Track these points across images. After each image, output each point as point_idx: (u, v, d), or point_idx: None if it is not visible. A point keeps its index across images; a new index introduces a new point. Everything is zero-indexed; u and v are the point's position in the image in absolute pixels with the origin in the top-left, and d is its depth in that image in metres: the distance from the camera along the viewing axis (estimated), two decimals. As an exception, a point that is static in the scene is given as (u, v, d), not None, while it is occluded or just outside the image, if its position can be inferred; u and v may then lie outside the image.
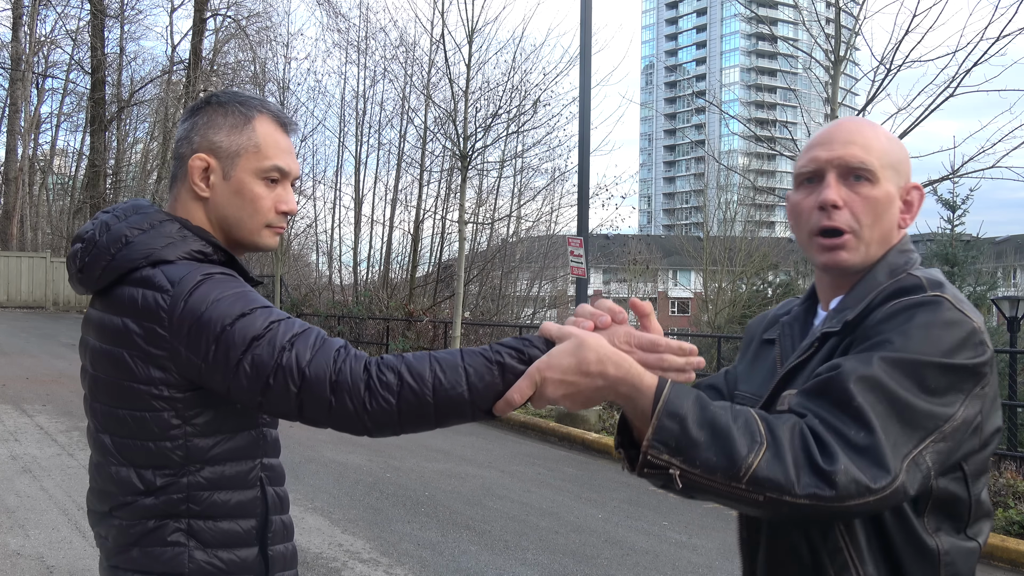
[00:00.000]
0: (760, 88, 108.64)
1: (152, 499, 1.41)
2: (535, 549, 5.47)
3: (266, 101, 1.57)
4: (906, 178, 1.39)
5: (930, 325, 1.20)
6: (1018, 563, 5.59)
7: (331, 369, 1.28)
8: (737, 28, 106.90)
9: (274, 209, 1.53)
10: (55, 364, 14.14)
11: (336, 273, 24.28)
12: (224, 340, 1.32)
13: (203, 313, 1.34)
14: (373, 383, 1.27)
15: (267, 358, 1.30)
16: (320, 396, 1.28)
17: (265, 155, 1.51)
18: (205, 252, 1.46)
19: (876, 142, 1.36)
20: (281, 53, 26.19)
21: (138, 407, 1.40)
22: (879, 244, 1.36)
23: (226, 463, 1.43)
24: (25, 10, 31.40)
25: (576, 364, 1.22)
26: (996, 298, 11.97)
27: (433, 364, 1.28)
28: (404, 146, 21.70)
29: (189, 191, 1.52)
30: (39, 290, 29.22)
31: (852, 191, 1.34)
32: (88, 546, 5.10)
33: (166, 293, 1.37)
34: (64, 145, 41.53)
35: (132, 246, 1.42)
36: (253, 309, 1.35)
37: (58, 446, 7.81)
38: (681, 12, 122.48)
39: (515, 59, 16.36)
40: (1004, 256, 44.31)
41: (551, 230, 23.21)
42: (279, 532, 1.52)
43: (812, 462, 1.11)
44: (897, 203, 1.37)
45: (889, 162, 1.36)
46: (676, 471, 1.16)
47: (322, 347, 1.32)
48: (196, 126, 1.52)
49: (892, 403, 1.15)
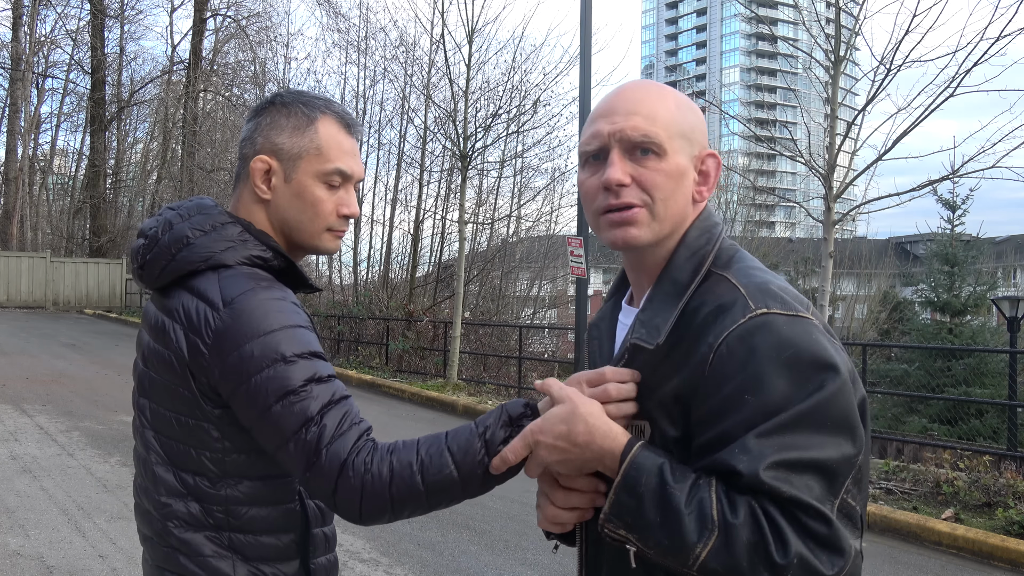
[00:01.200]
0: (760, 88, 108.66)
1: (194, 506, 1.41)
2: (535, 549, 5.47)
3: (332, 101, 1.54)
4: (700, 146, 1.26)
5: (778, 363, 1.09)
6: (1018, 563, 5.58)
7: (344, 464, 1.28)
8: (737, 28, 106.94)
9: (335, 213, 1.50)
10: (55, 364, 14.13)
11: (336, 273, 24.29)
12: (259, 381, 1.31)
13: (246, 344, 1.32)
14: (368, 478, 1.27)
15: (293, 421, 1.30)
16: (327, 482, 1.29)
17: (327, 158, 1.48)
18: (264, 257, 1.44)
19: (662, 110, 1.23)
20: (281, 53, 26.27)
21: (183, 413, 1.40)
22: (673, 220, 1.24)
23: (264, 479, 1.42)
24: (25, 10, 31.41)
25: (567, 432, 1.18)
26: (996, 298, 11.97)
27: (420, 451, 1.29)
28: (404, 146, 21.73)
29: (251, 193, 1.50)
30: (39, 290, 29.23)
31: (639, 165, 1.22)
32: (88, 546, 5.10)
33: (216, 311, 1.35)
34: (64, 145, 41.60)
35: (192, 248, 1.41)
36: (298, 356, 1.33)
37: (58, 446, 7.80)
38: (681, 12, 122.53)
39: (515, 59, 16.36)
40: (1004, 256, 44.29)
41: (551, 230, 23.23)
42: (321, 544, 1.50)
43: (767, 555, 1.05)
44: (691, 175, 1.25)
45: (679, 131, 1.23)
46: (632, 548, 1.14)
47: (347, 432, 1.31)
48: (260, 127, 1.50)
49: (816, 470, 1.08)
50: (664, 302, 1.23)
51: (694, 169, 1.26)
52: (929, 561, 5.69)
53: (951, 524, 6.10)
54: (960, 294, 16.13)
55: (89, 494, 6.23)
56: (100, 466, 7.11)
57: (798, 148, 9.07)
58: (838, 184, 8.47)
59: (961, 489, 6.73)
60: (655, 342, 1.19)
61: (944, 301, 16.19)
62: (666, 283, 1.24)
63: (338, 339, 18.16)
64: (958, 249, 16.49)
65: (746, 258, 1.26)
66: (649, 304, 1.24)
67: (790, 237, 49.57)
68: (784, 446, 1.07)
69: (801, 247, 37.17)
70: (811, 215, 10.60)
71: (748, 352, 1.11)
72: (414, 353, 15.98)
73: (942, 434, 12.65)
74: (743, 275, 1.20)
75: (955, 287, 16.21)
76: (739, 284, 1.18)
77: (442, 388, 12.78)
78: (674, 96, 1.27)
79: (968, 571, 5.54)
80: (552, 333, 23.15)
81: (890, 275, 31.35)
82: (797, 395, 1.09)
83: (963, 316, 16.25)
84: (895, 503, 6.74)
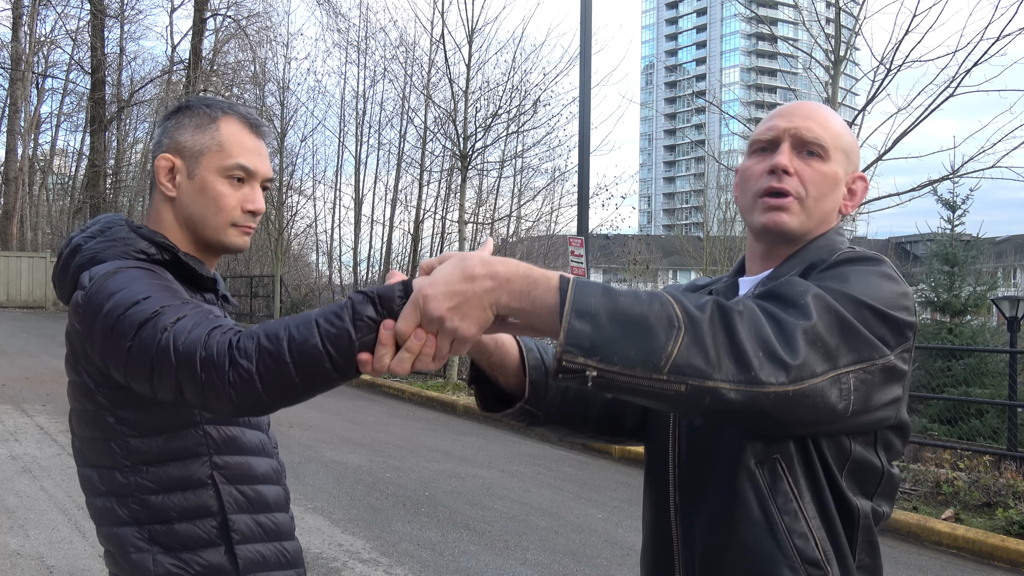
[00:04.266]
0: (760, 88, 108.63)
1: (113, 501, 1.44)
2: (535, 549, 5.47)
3: (236, 104, 1.59)
4: (855, 167, 1.43)
5: (870, 274, 1.23)
6: (1018, 563, 5.58)
7: (200, 345, 1.20)
8: (737, 28, 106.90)
9: (240, 208, 1.54)
10: (55, 364, 14.13)
11: (336, 273, 24.31)
12: (116, 329, 1.31)
13: (104, 305, 1.35)
14: (234, 352, 1.18)
15: (149, 340, 1.25)
16: (192, 374, 1.20)
17: (228, 153, 1.53)
18: (148, 252, 1.48)
19: (833, 124, 1.40)
20: (281, 53, 26.26)
21: (86, 406, 1.45)
22: (819, 220, 1.38)
23: (169, 463, 1.42)
24: (25, 10, 31.40)
25: (460, 271, 1.09)
26: (996, 298, 11.97)
27: (287, 323, 1.18)
28: (404, 146, 21.72)
29: (159, 192, 1.56)
30: (39, 290, 29.21)
31: (804, 163, 1.36)
32: (88, 546, 5.10)
33: (83, 289, 1.40)
34: (64, 145, 41.56)
35: (81, 253, 1.49)
36: (148, 296, 1.32)
37: (58, 446, 7.80)
38: (681, 12, 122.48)
39: (515, 59, 16.34)
40: (1004, 256, 44.28)
41: (551, 230, 23.21)
42: (250, 532, 1.48)
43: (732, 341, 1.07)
44: (842, 187, 1.40)
45: (841, 145, 1.39)
46: (592, 371, 1.07)
47: (199, 324, 1.24)
48: (166, 130, 1.56)
49: (838, 320, 1.15)
50: (789, 268, 1.35)
51: (845, 185, 1.41)
52: (929, 561, 5.70)
53: (951, 524, 6.10)
54: (960, 294, 16.12)
55: (89, 494, 6.23)
56: (100, 466, 7.12)
57: (798, 148, 9.06)
58: (838, 184, 8.46)
59: (961, 489, 6.73)
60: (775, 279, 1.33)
61: (944, 301, 16.18)
62: (796, 260, 1.36)
63: (338, 339, 18.14)
64: (958, 249, 16.47)
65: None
66: (776, 272, 1.37)
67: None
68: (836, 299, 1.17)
69: (801, 247, 37.14)
70: (811, 215, 10.58)
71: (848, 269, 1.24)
72: (414, 353, 15.97)
73: (942, 434, 12.64)
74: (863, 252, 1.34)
75: (955, 287, 16.19)
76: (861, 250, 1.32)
77: (442, 388, 12.79)
78: (841, 120, 1.45)
79: (968, 571, 5.54)
80: (552, 333, 23.12)
81: (890, 275, 31.36)
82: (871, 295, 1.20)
83: (963, 316, 16.24)
84: (895, 503, 6.74)
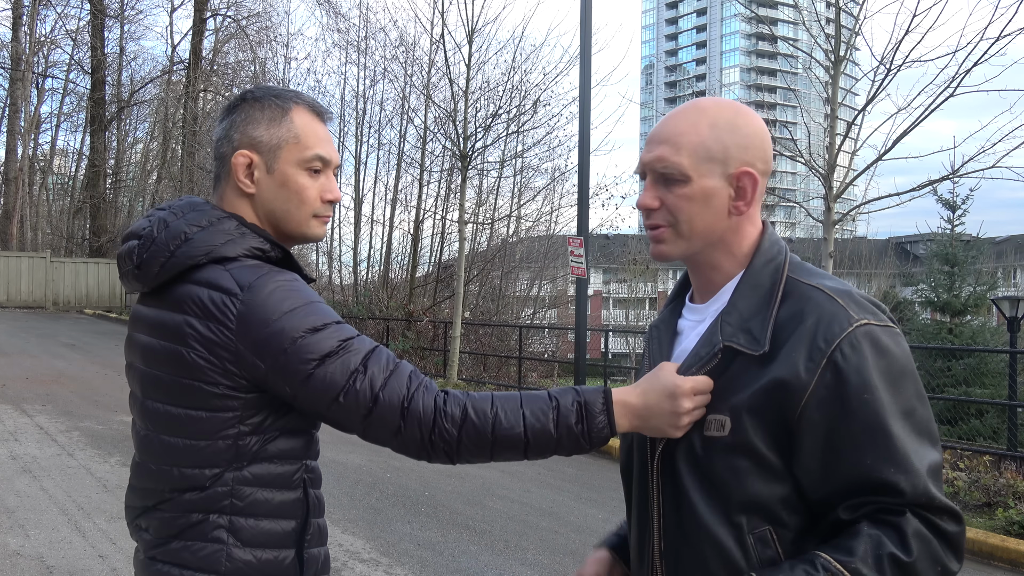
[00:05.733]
0: (760, 88, 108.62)
1: (198, 493, 1.41)
2: (535, 549, 5.47)
3: (300, 93, 1.57)
4: (737, 164, 1.33)
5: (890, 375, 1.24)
6: (1018, 563, 5.59)
7: (404, 396, 1.36)
8: (737, 28, 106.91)
9: (320, 198, 1.53)
10: (55, 364, 14.13)
11: (336, 273, 24.26)
12: (296, 351, 1.35)
13: (275, 321, 1.36)
14: (440, 416, 1.35)
15: (339, 377, 1.35)
16: (390, 420, 1.36)
17: (306, 145, 1.51)
18: (263, 249, 1.46)
19: (693, 136, 1.33)
20: (281, 53, 26.30)
21: (195, 405, 1.40)
22: (705, 236, 1.35)
23: (273, 462, 1.44)
24: (25, 10, 31.38)
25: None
26: (996, 298, 11.96)
27: (496, 403, 1.37)
28: (404, 146, 21.71)
29: (235, 189, 1.51)
30: (39, 290, 29.19)
31: (667, 190, 1.35)
32: (88, 546, 5.10)
33: (235, 297, 1.37)
34: (64, 145, 41.53)
35: (191, 243, 1.42)
36: (326, 324, 1.39)
37: (58, 446, 7.80)
38: (681, 12, 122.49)
39: (515, 59, 16.34)
40: (1004, 256, 44.27)
41: (551, 230, 23.23)
42: (316, 535, 1.51)
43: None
44: (722, 194, 1.34)
45: (706, 156, 1.32)
46: None
47: (395, 371, 1.39)
48: (234, 124, 1.51)
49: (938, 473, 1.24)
50: (750, 308, 1.32)
51: (730, 186, 1.34)
52: (929, 561, 5.69)
53: (951, 524, 6.09)
54: (960, 294, 16.11)
55: (89, 494, 6.23)
56: (100, 466, 7.11)
57: (798, 148, 9.07)
58: (838, 184, 8.47)
59: (961, 489, 6.73)
60: (760, 349, 1.27)
61: (944, 301, 16.17)
62: (746, 288, 1.34)
63: (338, 339, 18.14)
64: (958, 249, 16.47)
65: (822, 272, 1.37)
66: (733, 308, 1.33)
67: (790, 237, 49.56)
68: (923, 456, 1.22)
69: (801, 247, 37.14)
70: (811, 215, 10.60)
71: (860, 359, 1.22)
72: (414, 353, 15.98)
73: (942, 434, 12.63)
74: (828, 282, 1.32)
75: (955, 287, 16.19)
76: (830, 292, 1.29)
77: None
78: (712, 118, 1.34)
79: (968, 571, 5.54)
80: (552, 333, 23.15)
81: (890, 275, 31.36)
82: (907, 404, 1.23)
83: (963, 316, 16.23)
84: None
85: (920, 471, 1.19)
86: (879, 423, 1.20)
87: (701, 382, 1.31)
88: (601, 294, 47.35)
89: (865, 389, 1.21)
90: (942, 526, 1.19)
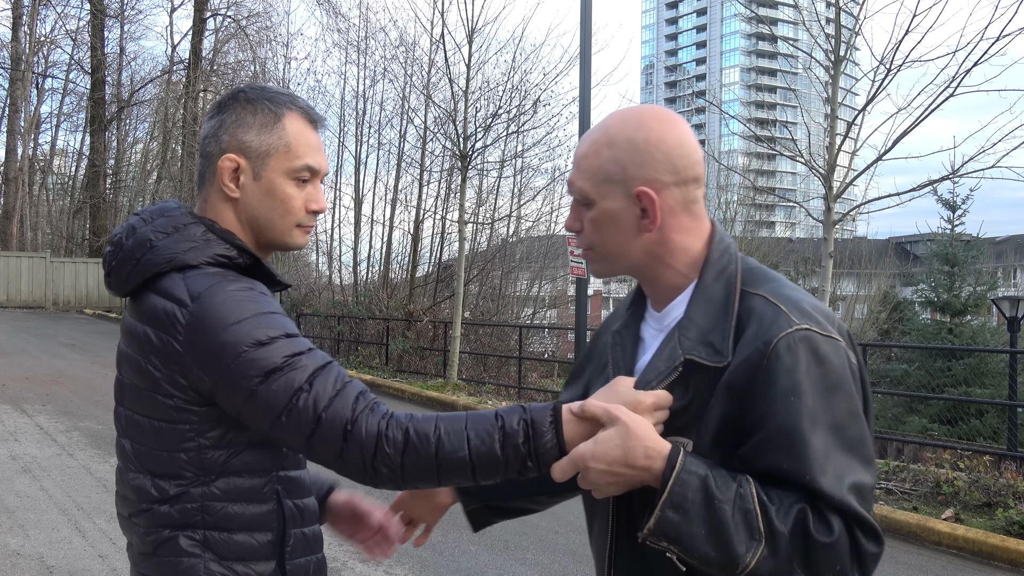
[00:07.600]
0: (760, 88, 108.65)
1: (167, 507, 1.39)
2: (535, 549, 5.47)
3: (295, 96, 1.53)
4: (635, 183, 1.29)
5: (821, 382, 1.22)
6: (1018, 563, 5.58)
7: (348, 419, 1.30)
8: (737, 28, 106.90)
9: (304, 208, 1.50)
10: (55, 364, 14.14)
11: (336, 273, 24.24)
12: (239, 366, 1.30)
13: (220, 334, 1.31)
14: (382, 440, 1.29)
15: (282, 395, 1.30)
16: (332, 443, 1.30)
17: (296, 154, 1.47)
18: (229, 256, 1.43)
19: (593, 159, 1.31)
20: (281, 53, 26.29)
21: (156, 416, 1.39)
22: (618, 256, 1.35)
23: (240, 475, 1.41)
24: (25, 10, 31.40)
25: (623, 457, 1.21)
26: (996, 298, 11.96)
27: (439, 426, 1.30)
28: (404, 146, 21.67)
29: (219, 191, 1.48)
30: (39, 290, 29.20)
31: (584, 213, 1.35)
32: (88, 546, 5.10)
33: (184, 307, 1.34)
34: (64, 145, 41.54)
35: (155, 250, 1.40)
36: (273, 338, 1.33)
37: (58, 446, 7.81)
38: (681, 12, 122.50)
39: (515, 59, 16.33)
40: (1004, 256, 44.28)
41: (551, 230, 23.19)
42: (300, 545, 1.48)
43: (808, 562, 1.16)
44: (627, 214, 1.31)
45: (604, 177, 1.30)
46: (674, 555, 1.21)
47: (342, 391, 1.32)
48: (224, 124, 1.47)
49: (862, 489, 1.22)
50: (708, 321, 1.30)
51: (635, 206, 1.30)
52: (929, 561, 5.69)
53: (951, 524, 6.10)
54: (960, 294, 16.12)
55: (89, 494, 6.23)
56: (100, 466, 7.11)
57: (798, 148, 9.06)
58: (838, 184, 8.46)
59: (961, 489, 6.73)
60: (723, 361, 1.26)
61: (944, 301, 16.19)
62: (701, 301, 1.32)
63: (338, 339, 18.15)
64: (958, 249, 16.48)
65: (774, 278, 1.34)
66: (691, 322, 1.31)
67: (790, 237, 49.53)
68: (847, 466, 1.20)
69: (801, 247, 37.14)
70: (811, 215, 10.59)
71: (794, 361, 1.21)
72: (414, 353, 15.98)
73: (942, 434, 12.64)
74: (777, 294, 1.29)
75: (955, 287, 16.20)
76: (778, 302, 1.27)
77: (442, 388, 12.79)
78: (611, 136, 1.31)
79: (968, 571, 5.54)
80: (552, 333, 23.14)
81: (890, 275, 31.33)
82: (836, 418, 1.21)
83: (963, 316, 16.25)
84: (895, 503, 6.74)
85: (838, 483, 1.17)
86: (797, 428, 1.18)
87: (662, 397, 1.27)
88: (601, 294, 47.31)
89: (792, 392, 1.19)
90: (860, 539, 1.17)
